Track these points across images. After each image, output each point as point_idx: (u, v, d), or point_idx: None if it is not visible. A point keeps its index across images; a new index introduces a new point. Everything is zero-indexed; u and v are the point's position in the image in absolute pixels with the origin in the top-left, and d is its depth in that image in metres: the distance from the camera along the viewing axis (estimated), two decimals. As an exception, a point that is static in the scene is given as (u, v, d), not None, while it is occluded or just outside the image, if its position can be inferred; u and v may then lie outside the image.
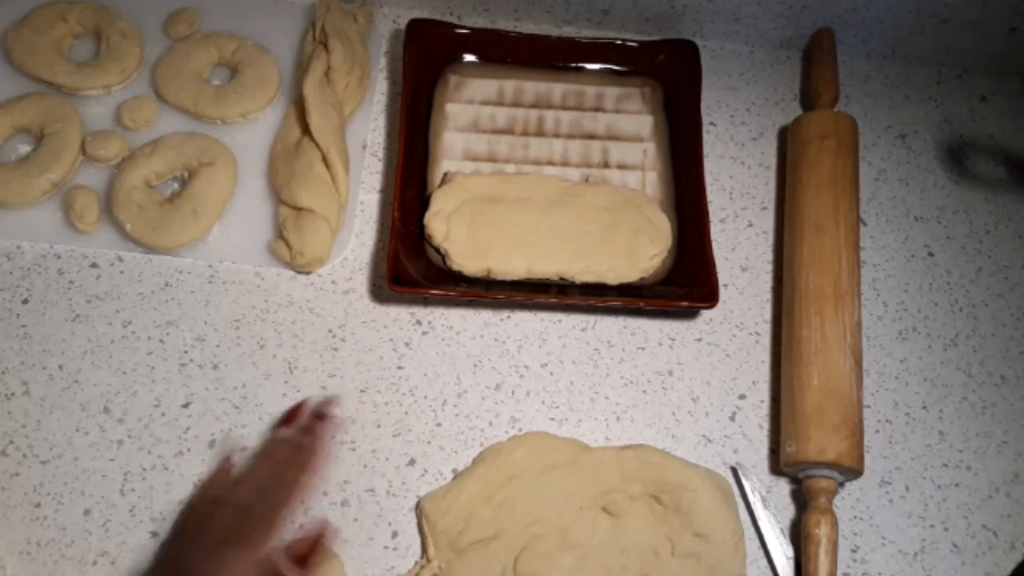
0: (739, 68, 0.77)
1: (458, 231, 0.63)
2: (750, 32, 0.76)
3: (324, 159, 0.64)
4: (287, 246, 0.62)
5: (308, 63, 0.67)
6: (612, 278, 0.63)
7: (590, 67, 0.72)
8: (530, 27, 0.76)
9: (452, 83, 0.71)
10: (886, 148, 0.74)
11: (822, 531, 0.55)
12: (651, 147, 0.69)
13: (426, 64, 0.70)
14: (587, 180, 0.67)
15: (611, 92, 0.72)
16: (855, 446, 0.57)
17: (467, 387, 0.61)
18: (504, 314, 0.64)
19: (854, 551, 0.58)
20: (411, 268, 0.61)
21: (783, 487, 0.60)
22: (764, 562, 0.57)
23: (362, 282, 0.64)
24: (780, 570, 0.56)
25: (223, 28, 0.71)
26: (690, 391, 0.62)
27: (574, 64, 0.72)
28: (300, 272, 0.64)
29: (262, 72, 0.69)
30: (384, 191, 0.68)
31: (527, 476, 0.57)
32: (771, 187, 0.71)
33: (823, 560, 0.54)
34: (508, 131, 0.69)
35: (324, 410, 0.55)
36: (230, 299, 0.62)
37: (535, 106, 0.70)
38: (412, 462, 0.58)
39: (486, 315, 0.63)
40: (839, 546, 0.56)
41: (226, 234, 0.64)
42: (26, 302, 0.61)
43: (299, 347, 0.61)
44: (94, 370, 0.59)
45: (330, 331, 0.62)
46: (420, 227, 0.63)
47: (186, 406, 0.58)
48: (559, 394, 0.61)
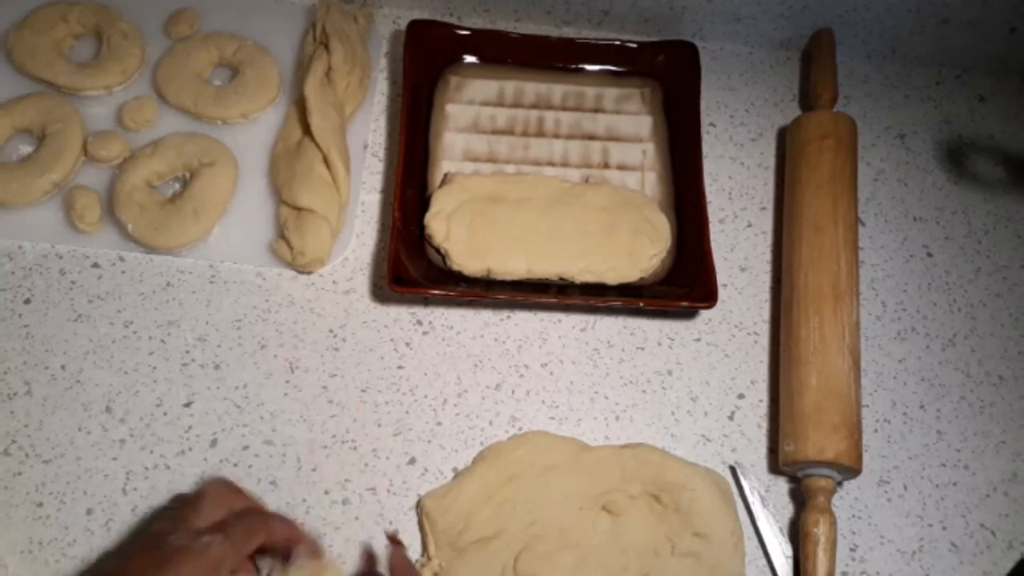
0: (739, 69, 0.77)
1: (458, 231, 0.63)
2: (750, 32, 0.76)
3: (325, 159, 0.64)
4: (288, 246, 0.62)
5: (309, 63, 0.67)
6: (612, 278, 0.63)
7: (590, 68, 0.73)
8: (530, 28, 0.76)
9: (452, 84, 0.71)
10: (885, 148, 0.74)
11: (820, 530, 0.55)
12: (651, 148, 0.70)
13: (426, 65, 0.70)
14: (587, 180, 0.67)
15: (611, 93, 0.72)
16: (853, 445, 0.57)
17: (467, 387, 0.61)
18: (504, 314, 0.64)
19: (852, 550, 0.58)
20: (411, 268, 0.61)
21: (782, 486, 0.60)
22: (763, 561, 0.57)
23: (363, 282, 0.64)
24: (779, 569, 0.56)
25: (223, 28, 0.71)
26: (689, 391, 0.62)
27: (574, 65, 0.72)
28: (301, 272, 0.64)
29: (262, 72, 0.69)
30: (384, 191, 0.68)
31: (527, 475, 0.57)
32: (770, 187, 0.71)
33: (821, 559, 0.55)
34: (508, 132, 0.69)
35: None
36: (231, 299, 0.62)
37: (535, 107, 0.71)
38: (412, 461, 0.58)
39: (486, 315, 0.64)
40: (837, 545, 0.56)
41: (227, 234, 0.64)
42: (28, 302, 0.61)
43: (300, 347, 0.61)
44: (96, 370, 0.59)
45: (331, 331, 0.62)
46: (420, 227, 0.64)
47: (188, 406, 0.58)
48: (559, 394, 0.61)
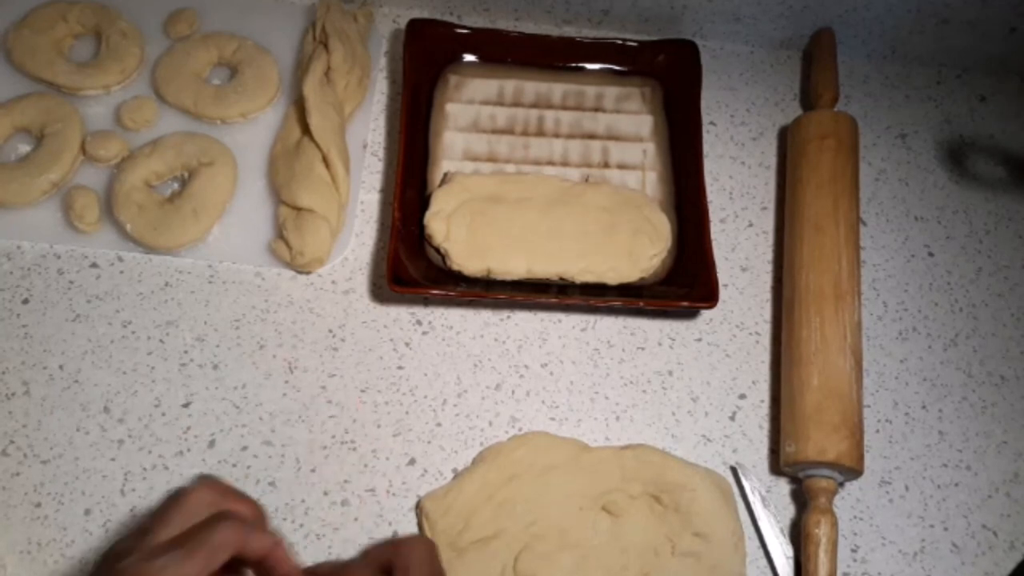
0: (739, 68, 0.77)
1: (458, 231, 0.63)
2: (750, 32, 0.76)
3: (324, 159, 0.64)
4: (287, 246, 0.62)
5: (308, 63, 0.67)
6: (612, 278, 0.63)
7: (590, 67, 0.72)
8: (530, 27, 0.76)
9: (452, 83, 0.71)
10: (886, 148, 0.74)
11: (822, 531, 0.55)
12: (651, 147, 0.69)
13: (426, 64, 0.70)
14: (587, 180, 0.67)
15: (611, 92, 0.72)
16: (855, 446, 0.57)
17: (467, 387, 0.61)
18: (504, 314, 0.64)
19: (854, 551, 0.58)
20: (411, 268, 0.61)
21: (783, 487, 0.60)
22: (764, 562, 0.57)
23: (362, 282, 0.64)
24: (780, 570, 0.56)
25: (223, 28, 0.71)
26: (690, 391, 0.62)
27: (574, 64, 0.72)
28: (300, 272, 0.64)
29: (262, 72, 0.69)
30: (384, 191, 0.68)
31: (527, 476, 0.57)
32: (771, 187, 0.71)
33: (823, 560, 0.55)
34: (508, 131, 0.69)
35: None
36: (230, 299, 0.62)
37: (535, 106, 0.70)
38: (412, 462, 0.58)
39: (486, 315, 0.63)
40: (839, 546, 0.56)
41: (226, 234, 0.64)
42: (26, 302, 0.61)
43: (299, 347, 0.61)
44: (94, 370, 0.59)
45: (330, 331, 0.62)
46: (420, 227, 0.63)
47: (186, 406, 0.58)
48: (559, 394, 0.61)
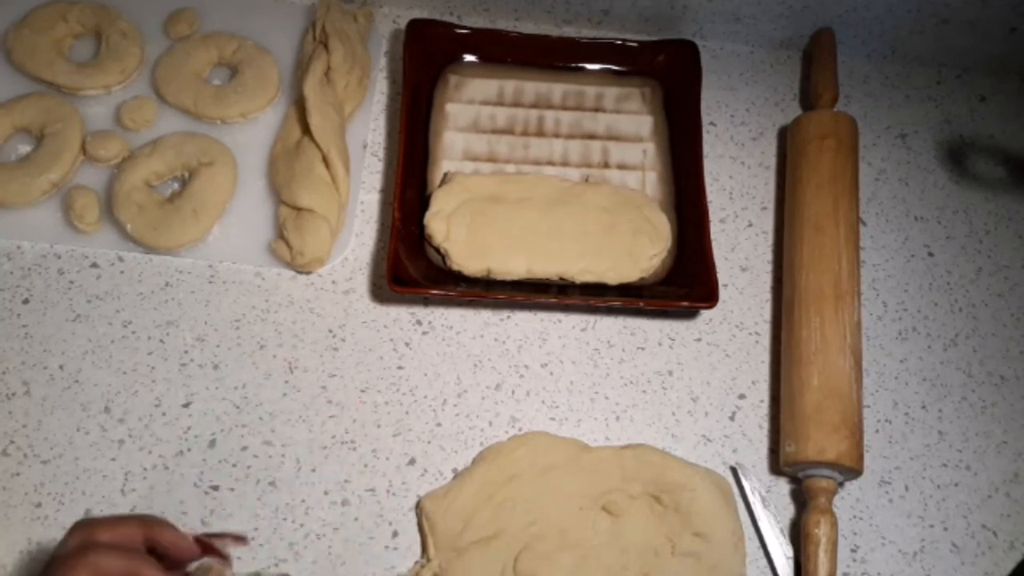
0: (739, 68, 0.77)
1: (458, 231, 0.63)
2: (750, 32, 0.76)
3: (324, 159, 0.64)
4: (287, 246, 0.62)
5: (308, 63, 0.67)
6: (612, 278, 0.63)
7: (590, 67, 0.72)
8: (530, 27, 0.76)
9: (452, 83, 0.71)
10: (886, 148, 0.74)
11: (822, 531, 0.55)
12: (651, 147, 0.69)
13: (426, 64, 0.70)
14: (587, 180, 0.67)
15: (611, 92, 0.72)
16: (855, 446, 0.57)
17: (467, 387, 0.61)
18: (504, 314, 0.64)
19: (854, 551, 0.58)
20: (411, 268, 0.61)
21: (783, 487, 0.60)
22: (764, 562, 0.57)
23: (362, 282, 0.64)
24: (780, 570, 0.56)
25: (223, 28, 0.71)
26: (690, 391, 0.62)
27: (574, 64, 0.72)
28: (300, 272, 0.64)
29: (262, 72, 0.69)
30: (384, 191, 0.68)
31: (527, 476, 0.57)
32: (771, 187, 0.71)
33: (823, 560, 0.55)
34: (508, 131, 0.69)
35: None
36: (230, 299, 0.62)
37: (535, 106, 0.70)
38: (412, 462, 0.58)
39: (486, 315, 0.63)
40: (839, 546, 0.56)
41: (226, 234, 0.64)
42: (27, 302, 0.61)
43: (299, 347, 0.61)
44: (95, 370, 0.59)
45: (330, 331, 0.62)
46: (420, 227, 0.63)
47: (186, 406, 0.58)
48: (559, 394, 0.61)
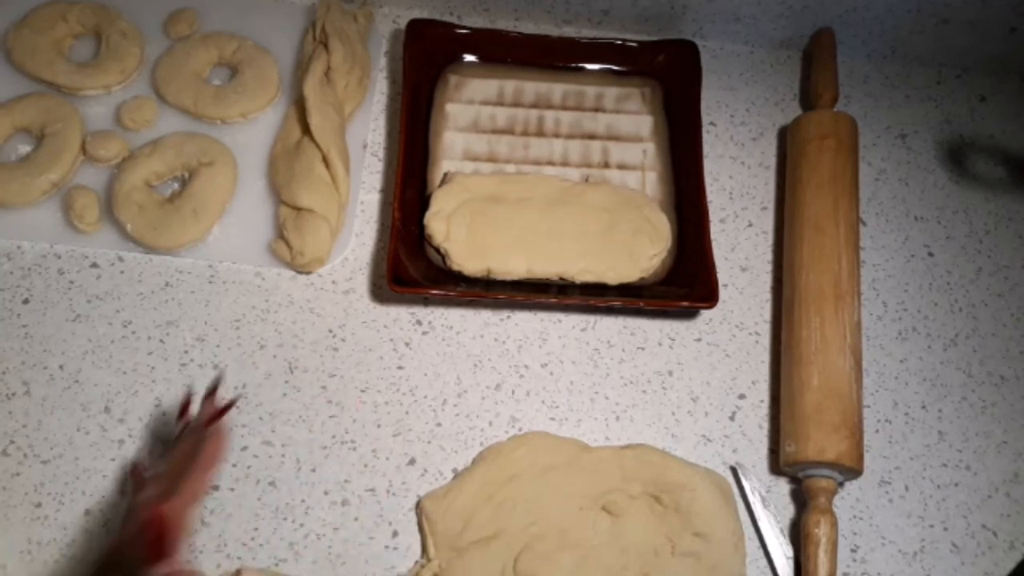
0: (739, 68, 0.77)
1: (458, 231, 0.63)
2: (750, 32, 0.76)
3: (324, 159, 0.64)
4: (287, 246, 0.62)
5: (308, 63, 0.67)
6: (612, 278, 0.63)
7: (590, 67, 0.72)
8: (530, 27, 0.76)
9: (452, 83, 0.71)
10: (886, 148, 0.74)
11: (822, 531, 0.55)
12: (651, 147, 0.69)
13: (426, 64, 0.70)
14: (587, 180, 0.67)
15: (611, 92, 0.72)
16: (855, 446, 0.57)
17: (467, 387, 0.61)
18: (504, 314, 0.64)
19: (854, 551, 0.58)
20: (411, 268, 0.61)
21: (783, 487, 0.60)
22: (764, 562, 0.57)
23: (362, 282, 0.64)
24: (780, 570, 0.56)
25: (223, 28, 0.71)
26: (690, 391, 0.62)
27: (574, 64, 0.72)
28: (300, 272, 0.64)
29: (262, 72, 0.69)
30: (384, 191, 0.68)
31: (527, 476, 0.57)
32: (771, 187, 0.71)
33: (822, 560, 0.55)
34: (508, 131, 0.69)
35: (213, 404, 0.53)
36: (230, 299, 0.62)
37: (535, 106, 0.70)
38: (412, 462, 0.58)
39: (486, 315, 0.63)
40: (839, 546, 0.56)
41: (226, 234, 0.64)
42: (27, 302, 0.61)
43: (299, 347, 0.61)
44: (95, 370, 0.59)
45: (330, 331, 0.62)
46: (420, 227, 0.63)
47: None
48: (559, 394, 0.61)
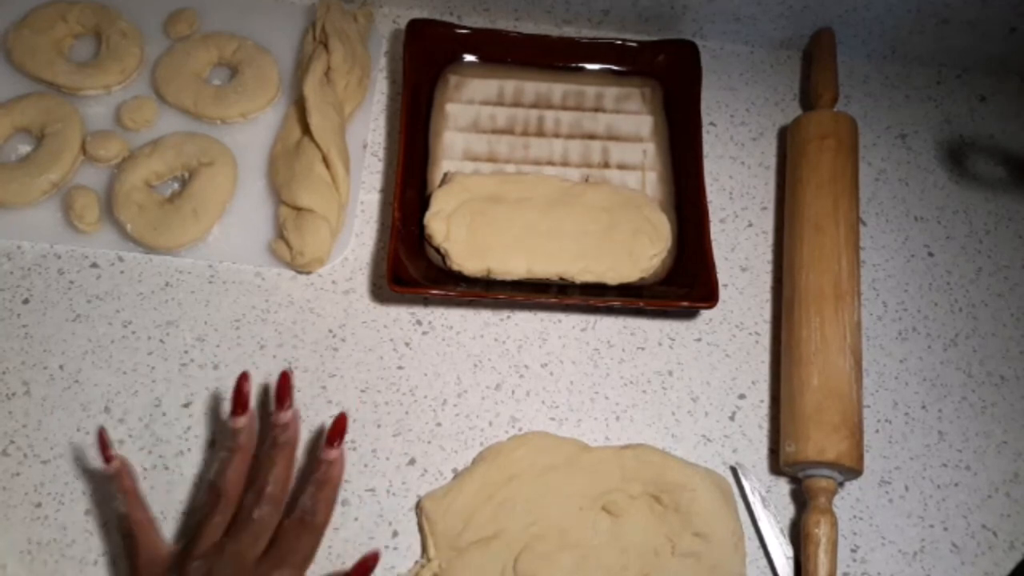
0: (739, 68, 0.77)
1: (458, 231, 0.63)
2: (750, 32, 0.76)
3: (324, 159, 0.64)
4: (287, 246, 0.62)
5: (308, 63, 0.67)
6: (612, 278, 0.63)
7: (590, 67, 0.72)
8: (530, 27, 0.76)
9: (452, 83, 0.71)
10: (886, 148, 0.74)
11: (822, 531, 0.55)
12: (651, 147, 0.69)
13: (426, 64, 0.70)
14: (587, 180, 0.67)
15: (611, 92, 0.72)
16: (855, 446, 0.57)
17: (467, 387, 0.61)
18: (504, 314, 0.64)
19: (854, 551, 0.58)
20: (411, 268, 0.61)
21: (783, 487, 0.60)
22: (764, 562, 0.57)
23: (362, 282, 0.64)
24: (780, 570, 0.56)
25: (223, 28, 0.71)
26: (690, 391, 0.62)
27: (574, 64, 0.72)
28: (300, 272, 0.64)
29: (262, 72, 0.69)
30: (384, 191, 0.68)
31: (527, 476, 0.57)
32: (771, 187, 0.71)
33: (822, 560, 0.55)
34: (508, 131, 0.69)
35: (286, 398, 0.54)
36: (230, 299, 0.62)
37: (535, 106, 0.70)
38: (412, 462, 0.58)
39: (486, 315, 0.63)
40: (839, 546, 0.56)
41: (226, 234, 0.64)
42: (27, 302, 0.61)
43: (299, 347, 0.61)
44: (95, 370, 0.59)
45: (330, 331, 0.62)
46: (420, 227, 0.64)
47: (187, 406, 0.58)
48: (559, 394, 0.61)
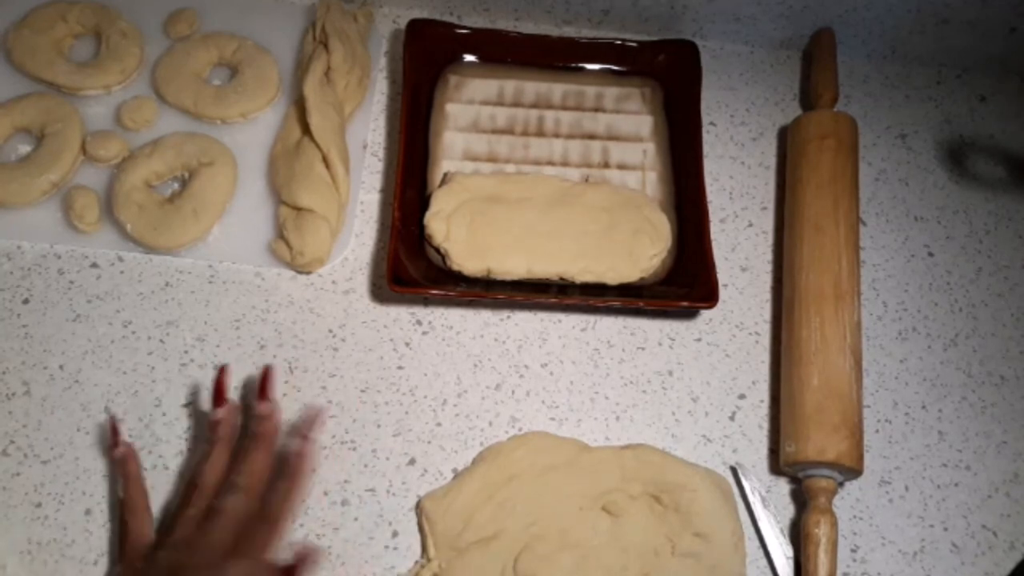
0: (739, 68, 0.77)
1: (458, 231, 0.63)
2: (750, 32, 0.76)
3: (324, 159, 0.64)
4: (287, 246, 0.62)
5: (308, 63, 0.67)
6: (612, 278, 0.63)
7: (590, 67, 0.72)
8: (530, 27, 0.76)
9: (452, 83, 0.71)
10: (886, 148, 0.74)
11: (821, 531, 0.55)
12: (651, 147, 0.69)
13: (426, 64, 0.70)
14: (587, 180, 0.67)
15: (611, 92, 0.72)
16: (855, 446, 0.57)
17: (467, 387, 0.61)
18: (504, 314, 0.64)
19: (854, 551, 0.58)
20: (411, 268, 0.61)
21: (783, 487, 0.60)
22: (764, 562, 0.57)
23: (362, 282, 0.64)
24: (780, 570, 0.56)
25: (223, 28, 0.71)
26: (690, 391, 0.62)
27: (574, 64, 0.72)
28: (300, 272, 0.64)
29: (262, 72, 0.69)
30: (384, 191, 0.68)
31: (527, 476, 0.57)
32: (771, 187, 0.71)
33: (822, 560, 0.55)
34: (508, 131, 0.69)
35: (268, 399, 0.54)
36: (230, 299, 0.62)
37: (535, 106, 0.70)
38: (412, 462, 0.58)
39: (486, 315, 0.63)
40: (839, 546, 0.56)
41: (226, 234, 0.64)
42: (27, 302, 0.61)
43: (299, 347, 0.61)
44: (95, 370, 0.59)
45: (330, 331, 0.62)
46: (420, 227, 0.64)
47: (187, 406, 0.58)
48: (559, 394, 0.61)
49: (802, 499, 0.58)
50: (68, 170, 0.64)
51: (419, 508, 0.56)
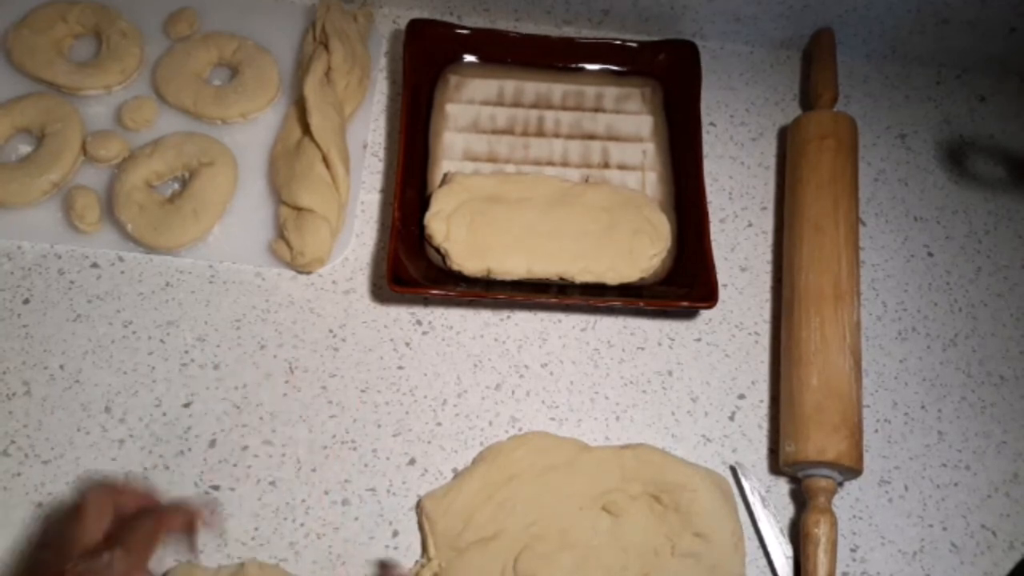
0: (739, 68, 0.77)
1: (458, 231, 0.63)
2: (750, 32, 0.76)
3: (324, 159, 0.64)
4: (288, 246, 0.62)
5: (308, 63, 0.67)
6: (612, 278, 0.63)
7: (590, 67, 0.73)
8: (530, 27, 0.76)
9: (452, 83, 0.71)
10: (886, 148, 0.74)
11: (821, 530, 0.55)
12: (651, 147, 0.69)
13: (426, 64, 0.70)
14: (587, 180, 0.67)
15: (611, 92, 0.72)
16: (854, 446, 0.57)
17: (467, 387, 0.61)
18: (504, 314, 0.64)
19: (853, 550, 0.58)
20: (411, 268, 0.61)
21: (782, 487, 0.60)
22: (763, 561, 0.57)
23: (362, 282, 0.64)
24: (779, 570, 0.56)
25: (223, 28, 0.71)
26: (690, 391, 0.62)
27: (574, 64, 0.72)
28: (301, 272, 0.64)
29: (262, 72, 0.69)
30: (384, 191, 0.68)
31: (527, 476, 0.57)
32: (771, 187, 0.71)
33: (822, 559, 0.55)
34: (508, 131, 0.69)
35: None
36: (231, 299, 0.62)
37: (535, 106, 0.71)
38: (412, 462, 0.58)
39: (486, 315, 0.63)
40: (838, 545, 0.56)
41: (227, 234, 0.64)
42: (27, 302, 0.61)
43: (300, 347, 0.61)
44: (95, 370, 0.59)
45: (330, 331, 0.62)
46: (420, 227, 0.64)
47: (187, 406, 0.58)
48: (559, 394, 0.61)
49: (802, 499, 0.59)
50: (68, 170, 0.64)
51: (419, 508, 0.56)
